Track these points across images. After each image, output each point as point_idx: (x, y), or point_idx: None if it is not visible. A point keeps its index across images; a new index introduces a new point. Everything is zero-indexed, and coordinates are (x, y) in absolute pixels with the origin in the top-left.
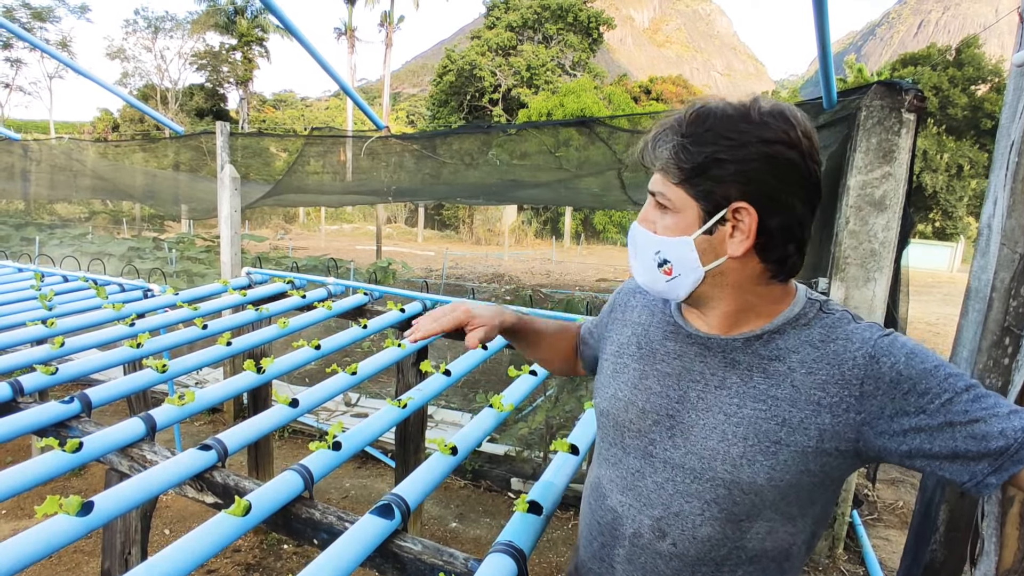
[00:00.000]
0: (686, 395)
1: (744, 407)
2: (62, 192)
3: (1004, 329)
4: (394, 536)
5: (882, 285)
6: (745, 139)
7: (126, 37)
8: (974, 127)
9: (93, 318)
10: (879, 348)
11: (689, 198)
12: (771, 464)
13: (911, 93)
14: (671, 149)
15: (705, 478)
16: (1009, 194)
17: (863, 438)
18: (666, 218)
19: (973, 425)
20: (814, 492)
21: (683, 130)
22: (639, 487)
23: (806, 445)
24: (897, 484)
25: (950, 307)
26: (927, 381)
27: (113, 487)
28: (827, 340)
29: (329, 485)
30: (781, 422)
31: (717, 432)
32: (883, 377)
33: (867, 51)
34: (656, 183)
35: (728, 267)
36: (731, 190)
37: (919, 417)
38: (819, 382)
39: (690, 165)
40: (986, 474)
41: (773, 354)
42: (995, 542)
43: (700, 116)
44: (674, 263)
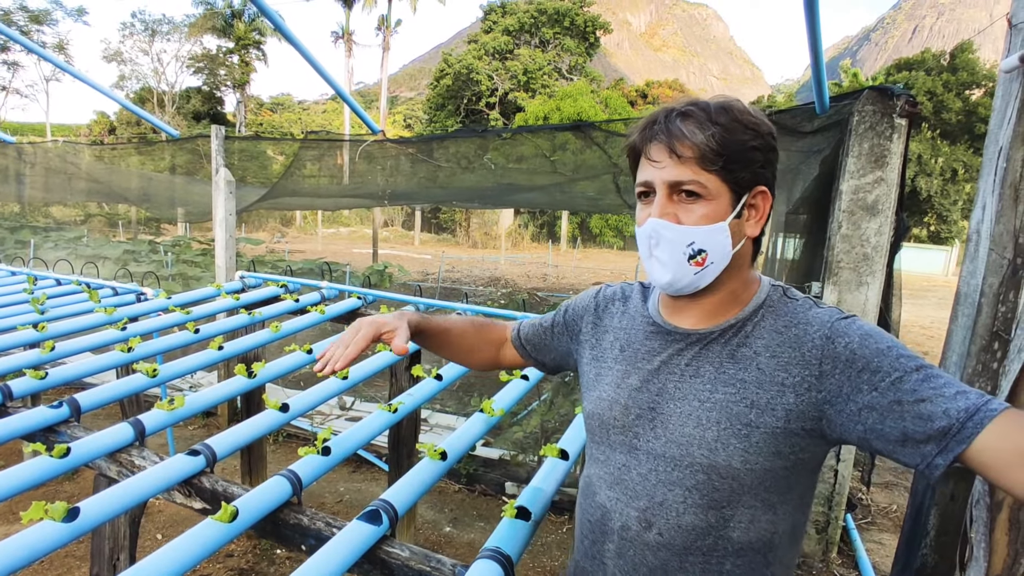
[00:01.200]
0: (664, 387)
1: (716, 392)
2: (57, 195)
3: (993, 334)
4: (382, 542)
5: (875, 289)
6: (761, 129)
7: (123, 40)
8: (968, 132)
9: (85, 322)
10: (835, 329)
11: (723, 184)
12: (744, 447)
13: (903, 98)
14: (709, 136)
15: (684, 464)
16: (997, 199)
17: (825, 416)
18: (697, 207)
19: (920, 405)
20: (790, 478)
21: (712, 118)
22: (625, 480)
23: (775, 426)
24: (891, 487)
25: (945, 311)
26: (879, 360)
27: (100, 492)
28: (790, 325)
29: (324, 489)
30: (750, 404)
31: (692, 418)
32: (839, 356)
33: (862, 56)
34: (683, 172)
35: (743, 249)
36: (760, 175)
37: (871, 395)
38: (782, 364)
39: (729, 151)
40: (933, 455)
41: (741, 341)
42: (984, 548)
43: (724, 107)
44: (710, 252)
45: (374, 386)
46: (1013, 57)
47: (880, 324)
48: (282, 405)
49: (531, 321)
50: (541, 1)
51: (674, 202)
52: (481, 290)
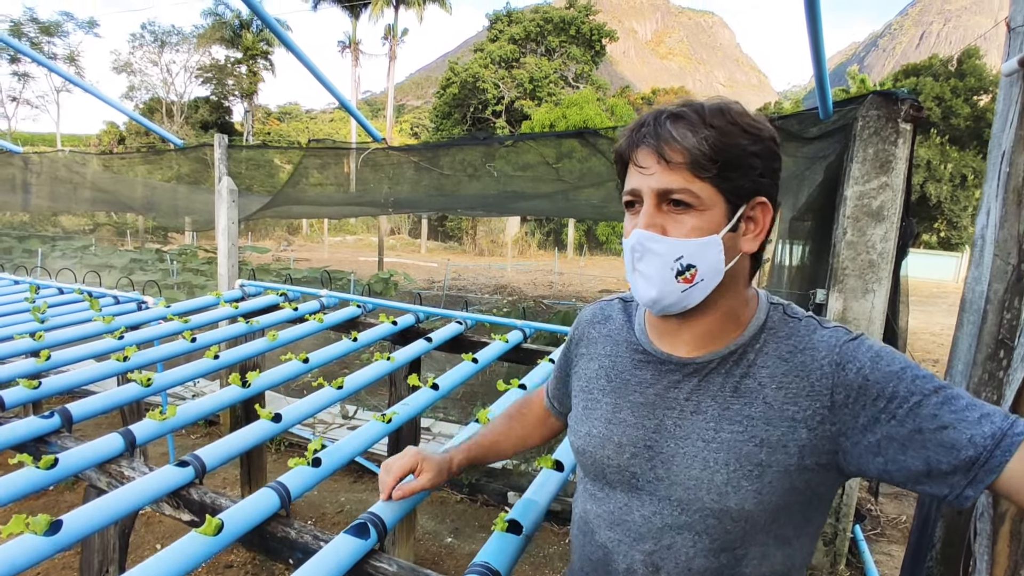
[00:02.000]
0: (662, 424)
1: (721, 431)
2: (63, 204)
3: (999, 342)
4: (369, 556)
5: (881, 296)
6: (763, 135)
7: (132, 51)
8: (977, 137)
9: (84, 331)
10: (844, 354)
11: (717, 194)
12: (757, 488)
13: (907, 103)
14: (702, 139)
15: (693, 509)
16: (1001, 204)
17: (841, 450)
18: (688, 218)
19: (943, 432)
20: (806, 511)
21: (706, 120)
22: (627, 521)
23: (788, 463)
24: (900, 498)
25: (955, 318)
26: (895, 384)
27: (86, 504)
28: (795, 351)
29: (324, 500)
30: (760, 443)
31: (698, 460)
32: (851, 384)
33: (869, 62)
34: (673, 180)
35: (739, 266)
36: (759, 184)
37: (889, 424)
38: (790, 396)
39: (724, 157)
40: (963, 487)
41: (744, 371)
42: (987, 560)
43: (721, 109)
44: (700, 267)
45: (377, 395)
46: (1012, 60)
47: (887, 332)
48: (274, 415)
49: (551, 379)
50: (547, 10)
51: (663, 212)
52: (487, 298)
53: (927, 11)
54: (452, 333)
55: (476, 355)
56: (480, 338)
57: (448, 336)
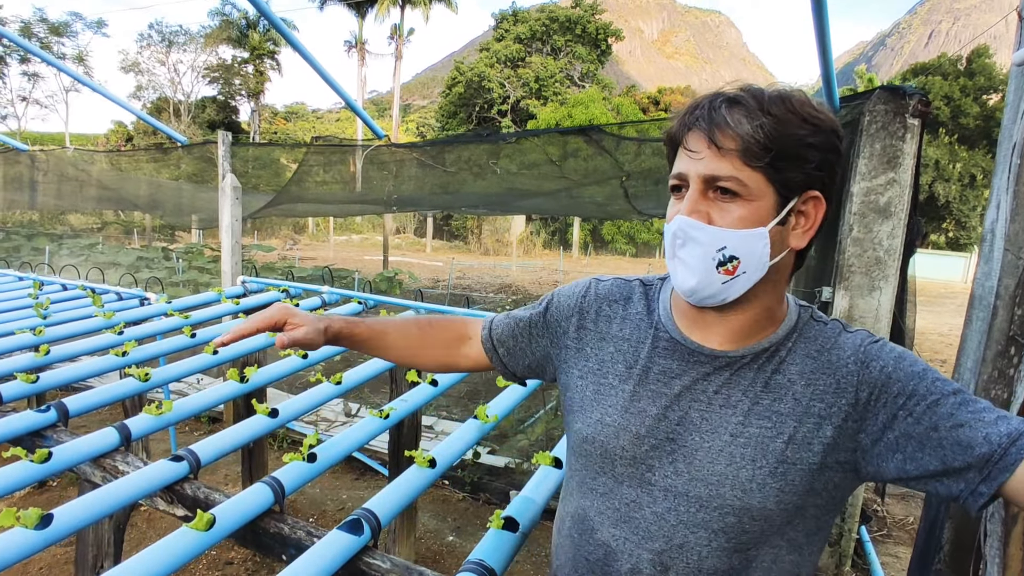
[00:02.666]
0: (687, 416)
1: (750, 426)
2: (69, 202)
3: (1009, 339)
4: (362, 553)
5: (887, 294)
6: (824, 126)
7: (140, 51)
8: (986, 137)
9: (84, 326)
10: (868, 353)
11: (767, 184)
12: (780, 486)
13: (915, 98)
14: (756, 127)
15: (712, 506)
16: (1012, 197)
17: (861, 448)
18: (734, 207)
19: (958, 430)
20: (820, 517)
21: (764, 107)
22: (635, 519)
23: (811, 462)
24: (907, 499)
25: (963, 318)
26: (915, 383)
27: (79, 498)
28: (822, 350)
29: (326, 496)
30: (787, 439)
31: (724, 455)
32: (875, 382)
33: (877, 61)
34: (721, 167)
35: (783, 262)
36: (813, 177)
37: (907, 422)
38: (818, 392)
39: (778, 146)
40: (977, 483)
41: (775, 367)
42: (998, 563)
43: (779, 97)
44: (743, 259)
45: (380, 392)
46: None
47: (894, 330)
48: (271, 410)
49: (505, 318)
50: (553, 9)
51: (708, 199)
52: (491, 297)
53: (936, 10)
54: None
55: None
56: None
57: None
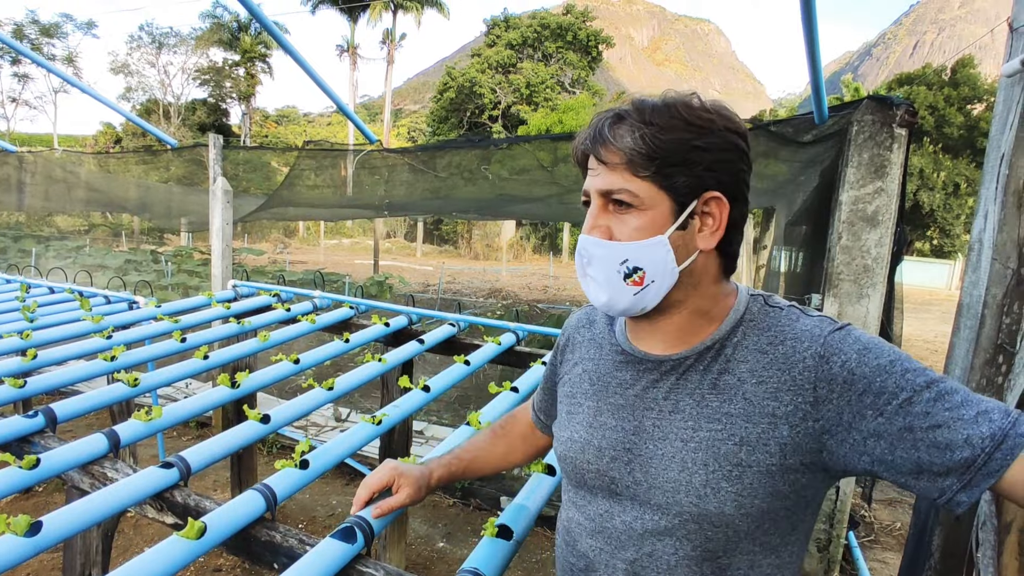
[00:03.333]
0: (641, 425)
1: (700, 430)
2: (57, 204)
3: (997, 347)
4: (356, 561)
5: (875, 301)
6: (711, 126)
7: (130, 52)
8: (970, 146)
9: (72, 330)
10: (829, 346)
11: (660, 191)
12: (737, 490)
13: (902, 108)
14: (637, 138)
15: (672, 513)
16: (1000, 207)
17: (826, 448)
18: (631, 219)
19: (935, 432)
20: (792, 517)
21: (646, 118)
22: (608, 528)
23: (769, 464)
24: (894, 505)
25: (948, 325)
26: (883, 378)
27: (68, 505)
28: (775, 342)
29: (316, 502)
30: (739, 441)
31: (676, 461)
32: (835, 378)
33: (863, 71)
34: (613, 180)
35: (697, 264)
36: (706, 179)
37: (876, 421)
38: (771, 391)
39: (663, 154)
40: (956, 491)
41: (723, 367)
42: (992, 572)
43: (664, 105)
44: (647, 269)
45: (370, 397)
46: (1015, 61)
47: (882, 337)
48: (263, 416)
49: (539, 393)
50: (544, 16)
51: (609, 212)
52: (481, 301)
53: (921, 20)
54: (445, 335)
55: (468, 357)
56: (473, 340)
57: (441, 338)
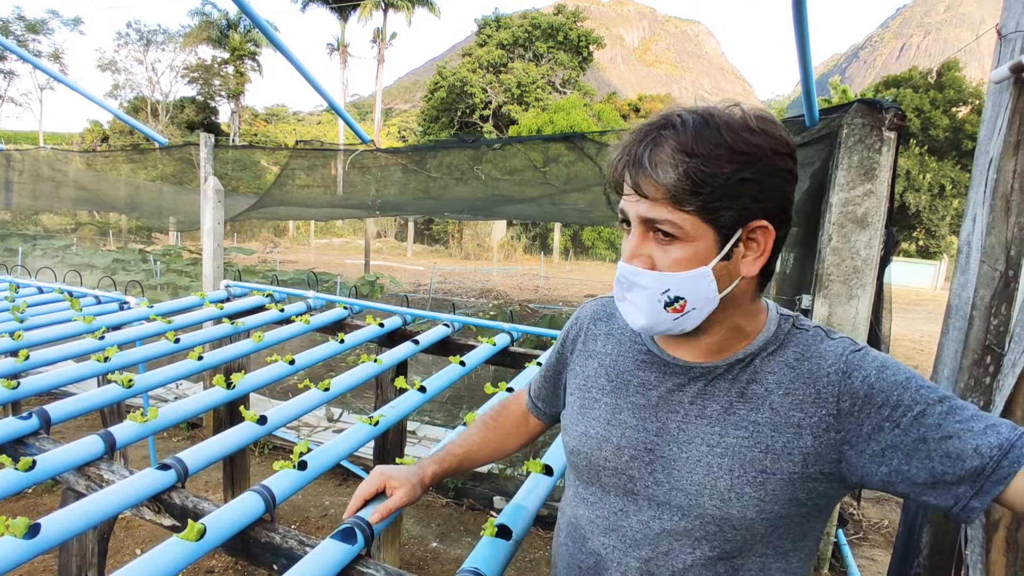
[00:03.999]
0: (665, 427)
1: (727, 436)
2: (45, 203)
3: (985, 348)
4: (356, 562)
5: (865, 302)
6: (759, 152)
7: (118, 49)
8: (955, 148)
9: (64, 331)
10: (851, 363)
11: (704, 224)
12: (760, 495)
13: (891, 112)
14: (681, 174)
15: (693, 515)
16: (988, 211)
17: (845, 459)
18: (674, 249)
19: (947, 442)
20: (805, 524)
21: (689, 148)
22: (623, 527)
23: (792, 472)
24: (882, 502)
25: (934, 324)
26: (899, 393)
27: (65, 507)
28: (802, 359)
29: (309, 503)
30: (765, 449)
31: (702, 465)
32: (857, 392)
33: (851, 73)
34: (655, 211)
35: (738, 288)
36: (753, 209)
37: (894, 433)
38: (796, 402)
39: (708, 189)
40: (968, 497)
41: (751, 377)
42: (980, 569)
43: (705, 131)
44: (689, 298)
45: (362, 397)
46: (1003, 67)
47: (870, 338)
48: (260, 417)
49: (537, 379)
50: (535, 16)
51: (650, 240)
52: (473, 301)
53: (907, 24)
54: (439, 336)
55: (463, 358)
56: (467, 341)
57: (435, 339)
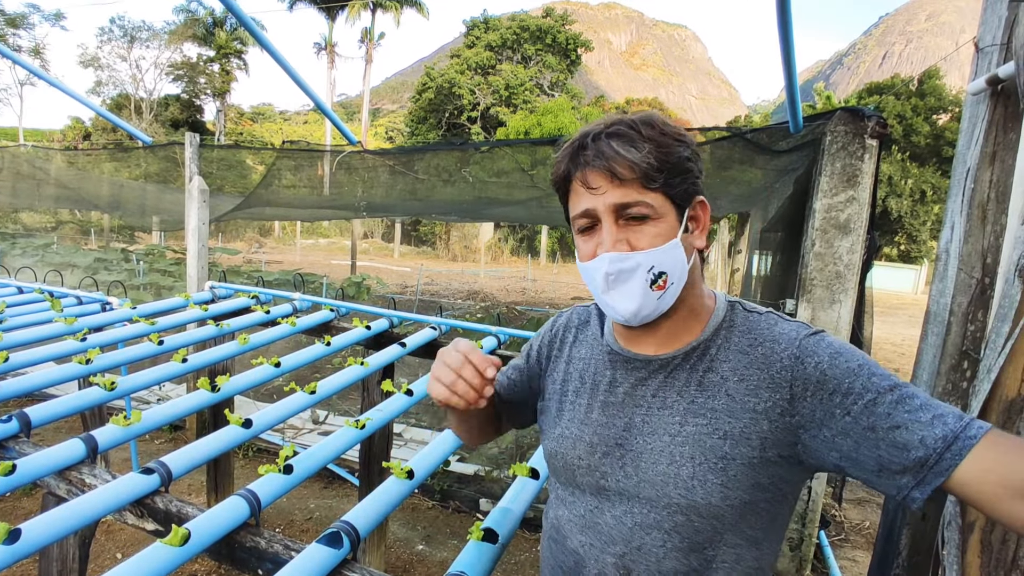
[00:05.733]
0: (631, 421)
1: (686, 424)
2: (24, 201)
3: (962, 353)
4: (342, 566)
5: (847, 306)
6: (687, 140)
7: (100, 46)
8: (936, 154)
9: (44, 332)
10: (804, 348)
11: (667, 201)
12: (722, 481)
13: (873, 120)
14: (646, 153)
15: (661, 505)
16: (966, 220)
17: (801, 442)
18: (648, 228)
19: (894, 432)
20: (772, 510)
21: (643, 135)
22: (598, 524)
23: (751, 456)
24: (864, 504)
25: (915, 328)
26: (851, 380)
27: (46, 512)
28: (755, 344)
29: (293, 506)
30: (723, 435)
31: (665, 455)
32: (809, 378)
33: (835, 79)
34: (628, 194)
35: (693, 263)
36: (695, 185)
37: (844, 420)
38: (751, 388)
39: (668, 167)
40: (910, 488)
41: (708, 365)
42: (956, 570)
43: (647, 122)
44: (669, 272)
45: (348, 399)
46: (980, 80)
47: (852, 341)
48: (245, 420)
49: (503, 379)
50: (524, 18)
51: (621, 227)
52: (460, 303)
53: (890, 31)
54: (426, 338)
55: None
56: None
57: (422, 341)
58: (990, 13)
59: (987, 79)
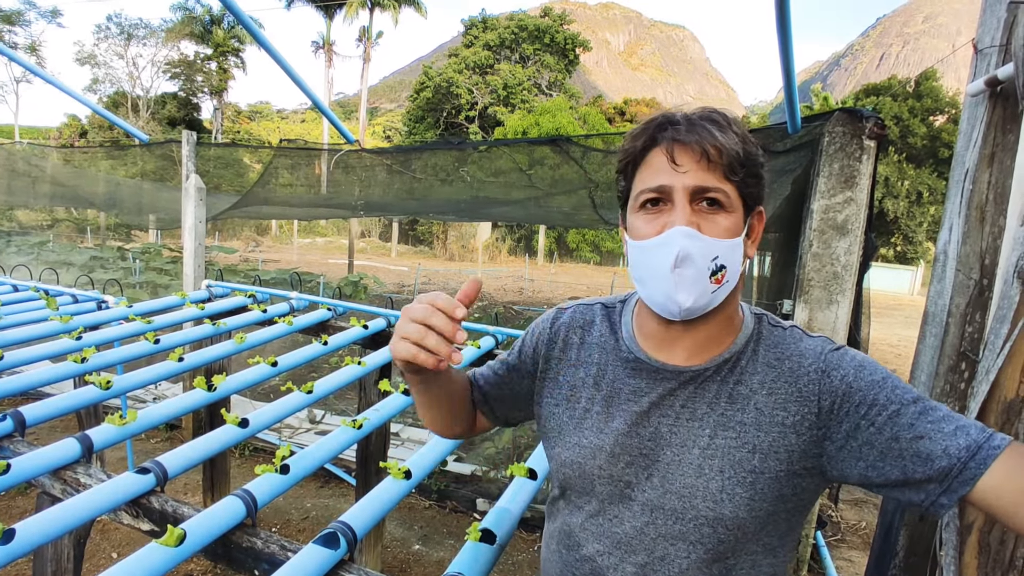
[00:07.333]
0: (658, 431)
1: (716, 438)
2: (20, 198)
3: (960, 354)
4: (339, 567)
5: (845, 307)
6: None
7: (97, 43)
8: (933, 156)
9: (40, 330)
10: (829, 362)
11: (739, 198)
12: (750, 495)
13: (871, 121)
14: (737, 143)
15: (687, 518)
16: (964, 221)
17: (826, 454)
18: (720, 219)
19: (918, 442)
20: (791, 519)
21: (734, 129)
22: (617, 533)
23: (779, 469)
24: (860, 505)
25: (911, 329)
26: (875, 392)
27: (40, 512)
28: (783, 358)
29: (290, 505)
30: (752, 449)
31: (693, 468)
32: (836, 391)
33: (832, 80)
34: (709, 179)
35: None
36: (762, 194)
37: (869, 431)
38: (780, 401)
39: (749, 163)
40: (938, 495)
41: (737, 378)
42: (954, 571)
43: (734, 118)
44: (728, 268)
45: (345, 399)
46: (979, 81)
47: (849, 342)
48: (241, 420)
49: (487, 372)
50: (522, 18)
51: (694, 211)
52: None
53: (887, 33)
54: None
55: None
56: None
57: None
58: (989, 15)
59: (986, 80)
